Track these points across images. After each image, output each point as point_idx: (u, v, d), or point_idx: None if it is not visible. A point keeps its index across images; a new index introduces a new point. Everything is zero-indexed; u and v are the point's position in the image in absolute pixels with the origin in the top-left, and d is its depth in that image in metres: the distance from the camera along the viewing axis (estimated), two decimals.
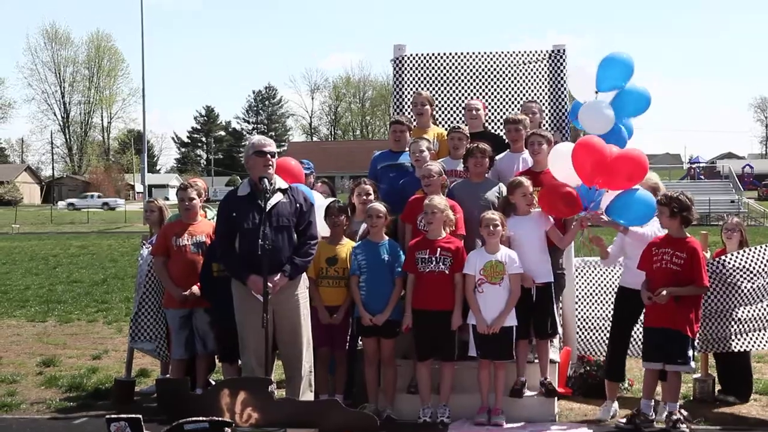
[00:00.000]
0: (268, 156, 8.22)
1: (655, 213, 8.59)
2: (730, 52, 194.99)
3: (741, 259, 9.19)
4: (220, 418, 6.93)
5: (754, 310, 9.17)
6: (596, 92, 9.45)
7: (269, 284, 7.83)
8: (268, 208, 8.08)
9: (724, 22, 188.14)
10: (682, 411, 8.42)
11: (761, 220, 59.06)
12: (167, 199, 11.30)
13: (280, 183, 8.36)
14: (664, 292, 8.20)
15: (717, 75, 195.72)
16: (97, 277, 24.21)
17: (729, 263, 9.13)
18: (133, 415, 6.98)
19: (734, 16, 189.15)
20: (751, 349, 9.39)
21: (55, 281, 23.14)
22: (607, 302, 10.38)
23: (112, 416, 6.99)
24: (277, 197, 8.22)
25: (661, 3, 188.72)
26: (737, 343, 9.22)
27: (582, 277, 10.60)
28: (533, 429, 8.47)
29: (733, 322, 9.17)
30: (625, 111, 9.40)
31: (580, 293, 10.52)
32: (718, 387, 9.66)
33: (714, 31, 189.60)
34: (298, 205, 8.30)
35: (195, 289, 9.27)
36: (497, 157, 9.76)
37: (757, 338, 9.21)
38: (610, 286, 10.37)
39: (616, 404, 8.88)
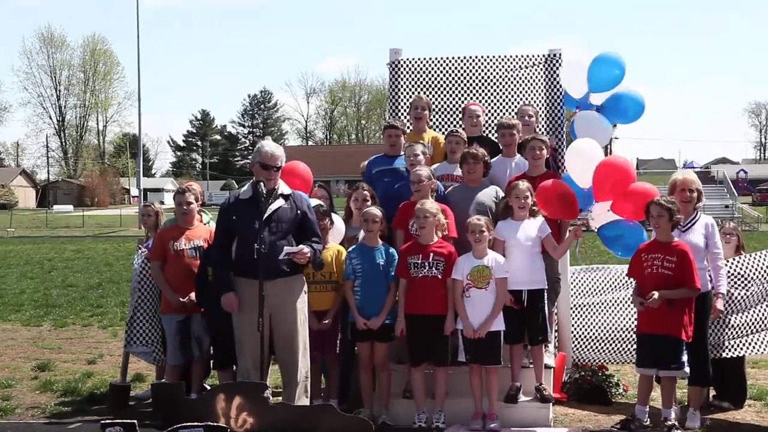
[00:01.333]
0: (273, 170, 8.24)
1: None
2: (724, 60, 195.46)
3: (734, 266, 9.19)
4: (215, 423, 6.92)
5: (747, 316, 9.17)
6: (589, 93, 9.46)
7: (295, 251, 8.01)
8: (268, 212, 8.10)
9: (720, 30, 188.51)
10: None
11: (755, 225, 59.18)
12: (162, 203, 11.27)
13: (284, 188, 8.37)
14: (656, 295, 8.20)
15: (712, 82, 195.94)
16: (93, 281, 24.18)
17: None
18: (128, 420, 6.98)
19: (729, 25, 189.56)
20: (743, 354, 9.37)
21: (50, 285, 23.11)
22: (602, 309, 10.37)
23: (107, 421, 7.02)
24: (279, 203, 8.24)
25: (657, 12, 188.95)
26: (729, 350, 9.20)
27: (578, 283, 10.59)
28: None
29: (727, 329, 9.16)
30: (621, 115, 9.38)
31: (575, 299, 10.50)
32: (712, 393, 9.65)
33: (709, 39, 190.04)
34: (299, 212, 8.32)
35: (193, 296, 9.26)
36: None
37: (748, 342, 9.19)
38: (606, 292, 10.36)
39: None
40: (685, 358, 8.28)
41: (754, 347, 9.19)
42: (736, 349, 9.20)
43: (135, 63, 69.64)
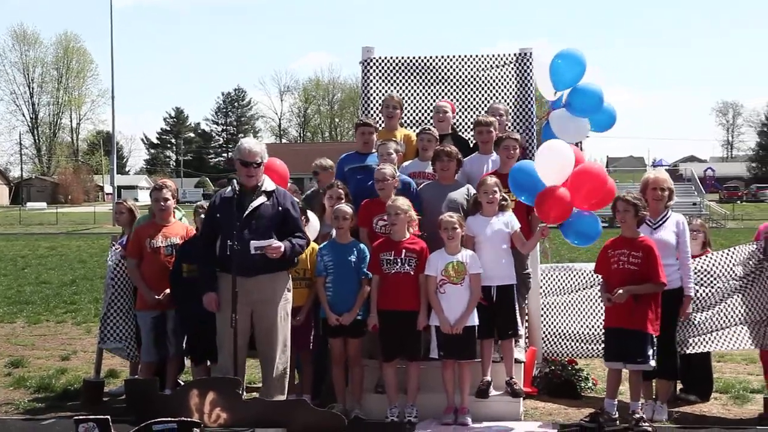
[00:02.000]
0: (252, 167, 8.23)
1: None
2: (693, 60, 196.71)
3: (701, 264, 9.27)
4: (188, 419, 6.91)
5: (711, 313, 9.24)
6: (555, 93, 9.52)
7: (265, 245, 7.94)
8: (249, 209, 8.10)
9: (688, 31, 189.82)
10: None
11: (722, 222, 59.66)
12: (136, 200, 11.24)
13: (268, 185, 8.36)
14: (621, 291, 8.26)
15: (680, 81, 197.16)
16: (66, 278, 24.05)
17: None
18: (102, 416, 6.95)
19: (697, 27, 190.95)
20: (707, 351, 9.43)
21: (23, 282, 22.96)
22: (572, 305, 10.43)
23: (81, 417, 6.98)
24: (261, 199, 8.23)
25: (628, 14, 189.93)
26: (694, 346, 9.25)
27: (548, 280, 10.64)
28: (499, 428, 8.48)
29: (692, 326, 9.22)
30: (580, 110, 9.43)
31: (545, 298, 10.54)
32: (679, 386, 9.74)
33: (679, 40, 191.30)
34: (280, 208, 8.29)
35: (168, 292, 9.26)
36: (466, 159, 9.83)
37: (712, 339, 9.25)
38: (575, 289, 10.42)
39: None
40: (651, 351, 8.34)
41: (717, 344, 9.27)
42: (700, 346, 9.27)
43: (109, 61, 69.16)
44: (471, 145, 10.38)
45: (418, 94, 11.42)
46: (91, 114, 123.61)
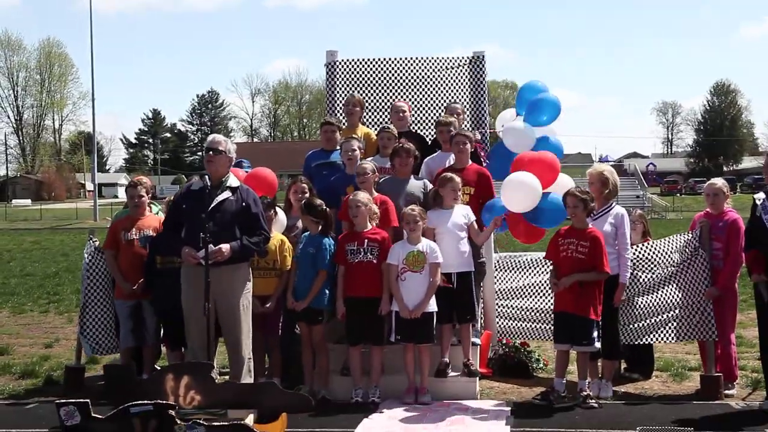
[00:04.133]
0: (210, 153, 8.15)
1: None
2: (635, 63, 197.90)
3: (641, 251, 9.33)
4: (164, 401, 6.84)
5: (652, 298, 9.29)
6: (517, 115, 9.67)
7: (212, 248, 7.77)
8: (214, 203, 8.01)
9: (630, 38, 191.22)
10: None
11: (663, 213, 60.24)
12: (116, 196, 11.05)
13: (232, 181, 8.26)
14: (565, 279, 8.41)
15: (624, 83, 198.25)
16: (50, 270, 23.80)
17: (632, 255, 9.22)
18: (81, 400, 6.87)
19: (638, 34, 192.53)
20: (650, 343, 9.48)
21: (8, 275, 22.71)
22: (523, 291, 10.45)
23: (62, 401, 6.88)
24: (225, 194, 8.12)
25: (577, 24, 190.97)
26: (638, 337, 9.27)
27: (502, 269, 10.65)
28: (457, 406, 8.49)
29: (634, 309, 9.26)
30: (538, 119, 9.54)
31: (500, 284, 10.56)
32: (624, 366, 9.81)
33: (621, 47, 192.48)
34: (243, 204, 8.17)
35: (143, 282, 9.18)
36: (429, 157, 9.89)
37: (653, 327, 9.25)
38: (526, 277, 10.45)
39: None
40: (595, 334, 8.42)
41: (655, 336, 9.30)
42: (643, 336, 9.29)
43: (89, 65, 68.11)
44: (429, 142, 10.38)
45: (379, 94, 11.39)
46: (72, 115, 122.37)
